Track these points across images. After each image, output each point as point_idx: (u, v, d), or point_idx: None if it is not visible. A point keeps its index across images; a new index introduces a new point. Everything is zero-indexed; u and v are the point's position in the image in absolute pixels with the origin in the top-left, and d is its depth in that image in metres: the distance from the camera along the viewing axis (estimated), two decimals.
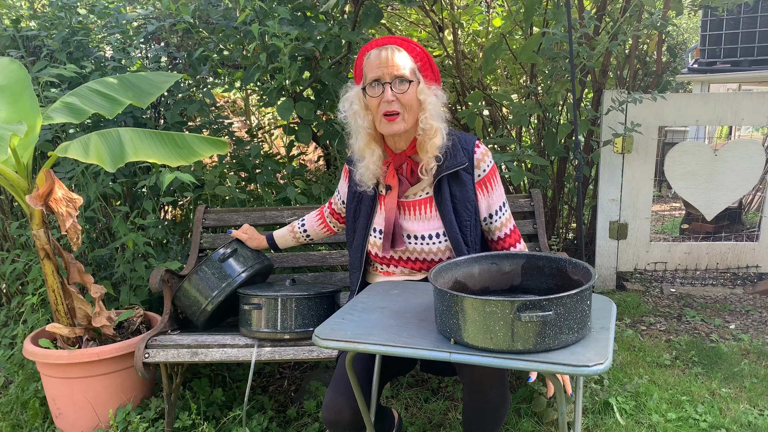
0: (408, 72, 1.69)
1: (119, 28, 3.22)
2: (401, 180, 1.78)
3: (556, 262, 1.49)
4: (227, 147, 2.44)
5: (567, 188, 3.97)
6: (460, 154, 1.78)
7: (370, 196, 1.84)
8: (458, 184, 1.77)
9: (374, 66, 1.68)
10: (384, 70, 1.67)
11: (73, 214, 2.24)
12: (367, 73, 1.71)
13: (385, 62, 1.67)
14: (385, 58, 1.67)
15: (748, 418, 2.33)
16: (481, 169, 1.80)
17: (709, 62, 5.12)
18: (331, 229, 2.19)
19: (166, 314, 2.33)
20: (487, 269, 1.55)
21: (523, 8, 3.38)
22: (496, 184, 1.83)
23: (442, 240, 1.77)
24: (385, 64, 1.67)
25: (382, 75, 1.67)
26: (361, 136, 1.76)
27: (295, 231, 2.23)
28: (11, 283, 3.10)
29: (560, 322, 1.21)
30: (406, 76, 1.68)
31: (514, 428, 2.31)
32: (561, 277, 1.49)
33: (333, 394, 1.64)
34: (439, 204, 1.77)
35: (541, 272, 1.52)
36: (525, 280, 1.54)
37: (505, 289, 1.55)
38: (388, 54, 1.67)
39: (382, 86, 1.67)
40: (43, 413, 2.49)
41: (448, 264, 1.47)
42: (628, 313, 3.48)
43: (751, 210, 5.14)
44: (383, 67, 1.67)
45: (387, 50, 1.69)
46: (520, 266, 1.54)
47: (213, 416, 2.45)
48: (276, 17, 2.75)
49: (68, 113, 2.36)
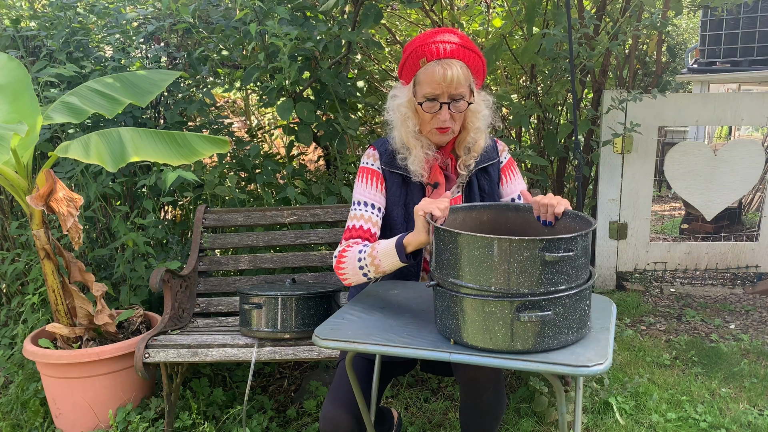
0: (465, 88, 1.64)
1: (119, 28, 3.22)
2: (448, 177, 1.78)
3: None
4: (228, 146, 2.44)
5: (567, 188, 3.97)
6: (490, 149, 1.80)
7: (421, 195, 1.76)
8: (486, 178, 1.80)
9: (431, 81, 1.61)
10: (443, 89, 1.60)
11: (74, 213, 2.24)
12: (423, 83, 1.63)
13: (448, 82, 1.59)
14: (449, 78, 1.58)
15: (748, 418, 2.33)
16: (502, 156, 1.84)
17: (709, 62, 5.12)
18: None
19: (166, 314, 2.33)
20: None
21: (523, 9, 3.38)
22: (516, 171, 1.87)
23: None
24: (444, 82, 1.59)
25: (441, 94, 1.61)
26: (409, 135, 1.70)
27: None
28: (11, 283, 3.10)
29: (560, 322, 1.21)
30: (464, 95, 1.64)
31: (514, 428, 2.32)
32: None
33: (330, 405, 1.62)
34: (469, 200, 1.78)
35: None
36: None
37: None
38: (452, 74, 1.58)
39: (440, 104, 1.62)
40: (43, 413, 2.49)
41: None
42: (628, 313, 3.48)
43: (751, 210, 5.14)
44: (442, 85, 1.60)
45: (451, 70, 1.59)
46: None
47: (213, 416, 2.45)
48: (275, 17, 2.75)
49: (68, 113, 2.36)
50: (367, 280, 1.63)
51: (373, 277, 1.61)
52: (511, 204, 1.57)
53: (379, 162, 1.76)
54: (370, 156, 1.78)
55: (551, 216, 1.47)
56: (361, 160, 1.79)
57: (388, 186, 1.76)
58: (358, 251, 1.61)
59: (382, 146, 1.78)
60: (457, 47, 1.61)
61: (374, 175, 1.75)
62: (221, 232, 3.06)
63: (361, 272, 1.61)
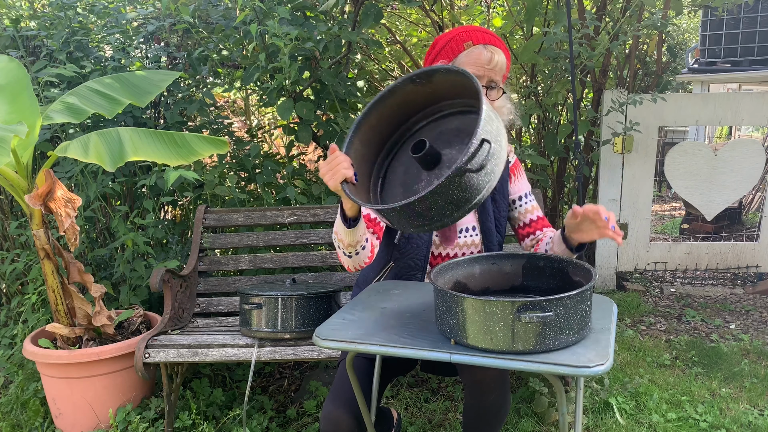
0: (501, 78, 1.69)
1: (119, 28, 3.22)
2: None
3: (557, 263, 1.49)
4: (227, 146, 2.44)
5: (567, 188, 3.97)
6: None
7: None
8: None
9: (476, 62, 1.64)
10: (485, 72, 1.64)
11: (71, 214, 2.24)
12: (465, 64, 1.66)
13: (487, 62, 1.63)
14: (494, 61, 1.64)
15: (748, 418, 2.33)
16: (510, 157, 1.85)
17: (709, 62, 5.12)
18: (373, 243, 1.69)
19: (166, 314, 2.33)
20: (488, 269, 1.55)
21: (523, 9, 3.38)
22: (522, 172, 1.88)
23: (472, 234, 1.78)
24: (488, 65, 1.64)
25: (481, 77, 1.65)
26: None
27: None
28: (11, 283, 3.10)
29: (560, 323, 1.21)
30: (499, 82, 1.68)
31: (514, 428, 2.31)
32: (562, 277, 1.49)
33: (331, 405, 1.62)
34: None
35: (542, 272, 1.52)
36: (526, 280, 1.54)
37: (505, 289, 1.55)
38: (496, 58, 1.64)
39: None
40: (43, 413, 2.49)
41: (449, 264, 1.47)
42: (628, 313, 3.48)
43: (751, 210, 5.14)
44: (486, 68, 1.64)
45: (496, 54, 1.65)
46: (521, 266, 1.54)
47: (213, 416, 2.45)
48: (275, 17, 2.75)
49: (68, 113, 2.35)
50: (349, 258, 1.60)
51: (349, 252, 1.58)
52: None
53: None
54: None
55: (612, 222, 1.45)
56: None
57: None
58: None
59: None
60: (499, 41, 1.70)
61: None
62: (221, 232, 3.06)
63: (339, 251, 1.61)
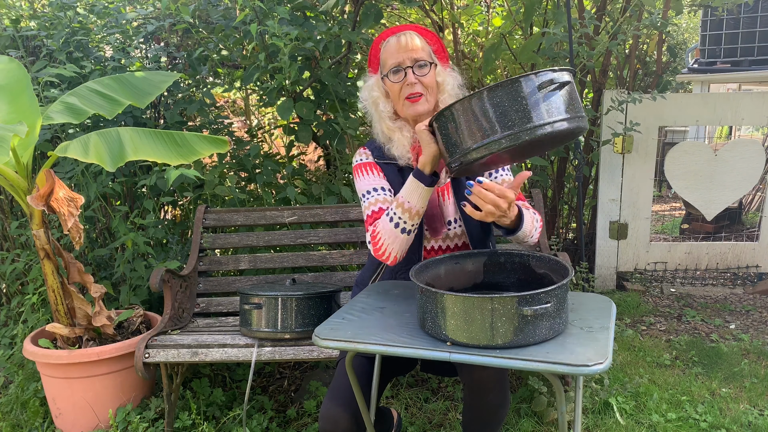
0: (426, 55, 1.72)
1: (119, 28, 3.22)
2: None
3: (518, 257, 1.52)
4: (227, 145, 2.44)
5: (567, 188, 3.97)
6: None
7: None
8: None
9: (394, 52, 1.71)
10: (404, 55, 1.70)
11: (74, 213, 2.24)
12: (386, 60, 1.73)
13: (405, 47, 1.70)
14: (404, 43, 1.71)
15: (748, 418, 2.33)
16: None
17: (709, 62, 5.12)
18: None
19: (166, 314, 2.33)
20: (451, 269, 1.56)
21: (523, 8, 3.38)
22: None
23: (455, 226, 1.77)
24: (405, 49, 1.70)
25: (403, 60, 1.70)
26: (384, 122, 1.76)
27: None
28: (11, 283, 3.10)
29: (554, 313, 1.25)
30: (426, 59, 1.71)
31: (514, 428, 2.31)
32: (524, 271, 1.52)
33: (330, 404, 1.62)
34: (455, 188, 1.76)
35: (503, 268, 1.55)
36: (487, 277, 1.57)
37: (468, 287, 1.57)
38: (406, 39, 1.71)
39: (404, 71, 1.70)
40: (43, 413, 2.49)
41: (421, 266, 1.49)
42: (628, 313, 3.48)
43: (751, 210, 5.14)
44: (403, 52, 1.70)
45: (405, 36, 1.72)
46: (482, 264, 1.56)
47: (213, 416, 2.45)
48: (275, 17, 2.75)
49: (68, 113, 2.36)
50: (407, 235, 1.60)
51: (410, 228, 1.59)
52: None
53: (372, 157, 1.81)
54: (362, 153, 1.83)
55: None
56: (354, 161, 1.83)
57: (386, 176, 1.79)
58: (385, 215, 1.62)
59: (371, 144, 1.84)
60: (410, 25, 1.77)
61: (371, 165, 1.79)
62: (221, 232, 3.06)
63: (398, 229, 1.59)
